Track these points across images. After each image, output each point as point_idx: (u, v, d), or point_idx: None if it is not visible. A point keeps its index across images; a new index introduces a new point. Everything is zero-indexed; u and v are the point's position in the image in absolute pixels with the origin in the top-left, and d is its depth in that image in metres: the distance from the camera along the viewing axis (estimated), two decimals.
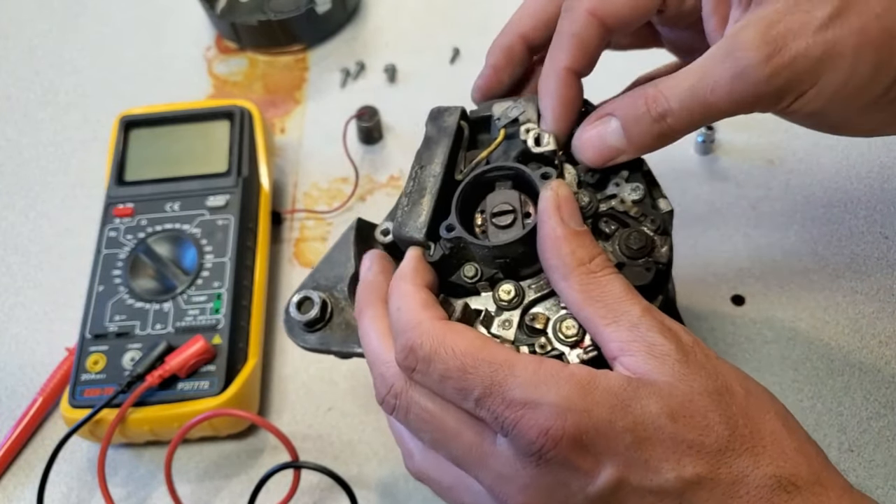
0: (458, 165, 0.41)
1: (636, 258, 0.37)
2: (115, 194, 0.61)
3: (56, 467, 0.53)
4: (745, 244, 0.59)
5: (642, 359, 0.32)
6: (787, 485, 0.31)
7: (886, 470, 0.49)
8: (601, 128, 0.38)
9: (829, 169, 0.62)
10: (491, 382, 0.32)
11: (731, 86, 0.34)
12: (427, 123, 0.43)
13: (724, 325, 0.55)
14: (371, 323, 0.38)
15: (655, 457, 0.30)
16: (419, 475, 0.38)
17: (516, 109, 0.41)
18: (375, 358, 0.37)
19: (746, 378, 0.34)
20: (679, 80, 0.35)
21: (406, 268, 0.38)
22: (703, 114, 0.35)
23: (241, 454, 0.55)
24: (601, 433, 0.30)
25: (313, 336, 0.43)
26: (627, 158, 0.38)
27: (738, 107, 0.35)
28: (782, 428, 0.32)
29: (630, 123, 0.37)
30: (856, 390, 0.52)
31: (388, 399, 0.35)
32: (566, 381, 0.31)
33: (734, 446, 0.31)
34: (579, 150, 0.39)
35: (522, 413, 0.31)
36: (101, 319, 0.55)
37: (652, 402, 0.31)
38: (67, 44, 0.80)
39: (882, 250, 0.57)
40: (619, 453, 0.31)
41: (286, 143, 0.70)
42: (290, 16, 0.73)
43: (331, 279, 0.44)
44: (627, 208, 0.38)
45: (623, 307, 0.33)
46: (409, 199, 0.40)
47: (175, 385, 0.52)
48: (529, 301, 0.37)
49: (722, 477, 0.31)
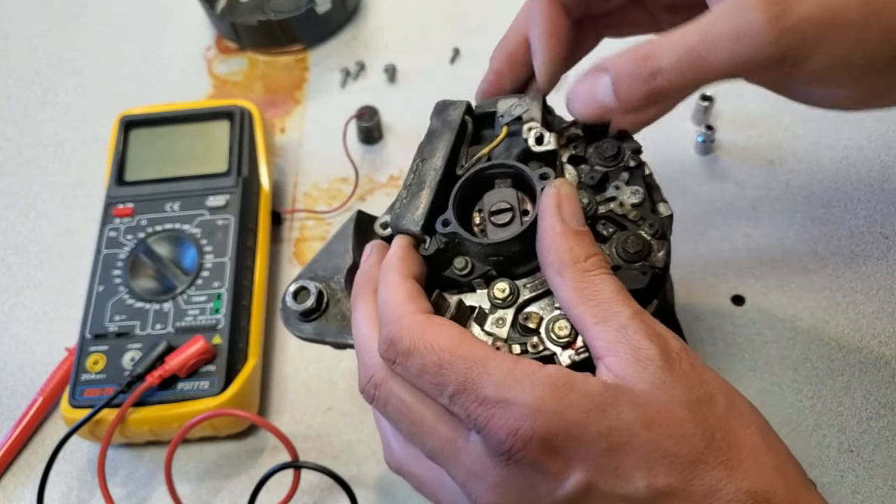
0: (459, 160, 0.41)
1: (632, 262, 0.37)
2: (115, 194, 0.61)
3: (56, 467, 0.53)
4: (745, 244, 0.59)
5: (625, 361, 0.32)
6: (761, 501, 0.30)
7: (886, 470, 0.49)
8: (593, 82, 0.37)
9: (829, 169, 0.62)
10: (465, 379, 0.31)
11: (731, 46, 0.33)
12: (432, 116, 0.42)
13: (724, 325, 0.55)
14: (362, 312, 0.38)
15: (627, 464, 0.30)
16: (398, 469, 0.38)
17: (520, 107, 0.41)
18: (360, 346, 0.37)
19: (731, 390, 0.33)
20: (675, 37, 0.34)
21: (393, 257, 0.37)
22: (695, 74, 0.34)
23: (241, 454, 0.55)
24: (572, 436, 0.30)
25: (309, 326, 0.43)
26: (618, 117, 0.38)
27: (735, 68, 0.34)
28: (762, 443, 0.32)
29: (620, 80, 0.36)
30: (856, 390, 0.52)
31: (368, 389, 0.36)
32: (541, 382, 0.31)
33: (708, 458, 0.30)
34: (571, 104, 0.38)
35: (494, 412, 0.31)
36: (101, 319, 0.55)
37: (628, 410, 0.30)
38: (67, 44, 0.80)
39: (882, 250, 0.57)
40: (589, 458, 0.30)
41: (286, 143, 0.70)
42: (290, 16, 0.73)
43: (328, 270, 0.44)
44: (626, 211, 0.38)
45: (613, 308, 0.33)
46: (408, 191, 0.40)
47: (175, 385, 0.52)
48: (524, 300, 0.37)
49: (694, 489, 0.30)
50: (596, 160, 0.40)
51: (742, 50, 0.33)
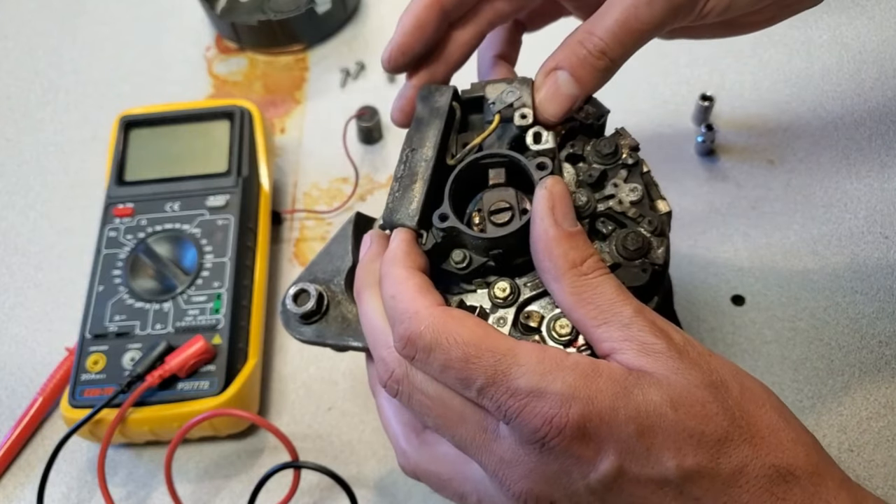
0: (449, 149, 0.41)
1: (632, 259, 0.37)
2: (115, 194, 0.61)
3: (56, 467, 0.53)
4: (745, 244, 0.59)
5: (634, 355, 0.32)
6: (785, 475, 0.31)
7: (886, 470, 0.49)
8: (553, 81, 0.39)
9: (829, 169, 0.62)
10: (495, 372, 0.31)
11: (650, 6, 0.37)
12: (417, 103, 0.42)
13: (724, 325, 0.55)
14: (369, 305, 0.37)
15: (657, 445, 0.31)
16: (415, 472, 0.38)
17: (512, 94, 0.40)
18: (376, 340, 0.36)
19: (740, 373, 0.34)
20: (604, 16, 0.38)
21: (397, 251, 0.36)
22: (634, 41, 0.38)
23: (241, 454, 0.55)
24: (604, 421, 0.31)
25: (309, 328, 0.43)
26: (581, 104, 0.40)
27: (662, 23, 0.38)
28: (779, 419, 0.32)
29: (576, 68, 0.39)
30: (856, 390, 0.52)
31: (391, 384, 0.35)
32: (571, 369, 0.31)
33: (733, 436, 0.31)
34: (542, 111, 0.39)
35: (526, 402, 0.31)
36: (101, 319, 0.55)
37: (653, 391, 0.31)
38: (67, 44, 0.80)
39: (882, 250, 0.57)
40: (620, 441, 0.31)
41: (286, 143, 0.70)
42: (290, 16, 0.73)
43: (328, 272, 0.44)
44: (625, 209, 0.38)
45: (614, 309, 0.33)
46: (399, 184, 0.39)
47: (175, 385, 0.52)
48: (525, 299, 0.37)
49: (722, 467, 0.31)
50: (594, 158, 0.40)
51: (660, 5, 0.38)
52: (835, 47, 0.68)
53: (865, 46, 0.68)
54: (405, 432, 0.39)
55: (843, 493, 0.32)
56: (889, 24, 0.69)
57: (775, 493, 0.31)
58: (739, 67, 0.68)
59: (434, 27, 0.42)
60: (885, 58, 0.67)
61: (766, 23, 0.45)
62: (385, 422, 0.41)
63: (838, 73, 0.67)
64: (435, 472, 0.37)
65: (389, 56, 0.42)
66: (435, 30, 0.42)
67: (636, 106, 0.67)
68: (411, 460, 0.38)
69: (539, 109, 0.39)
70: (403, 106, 0.44)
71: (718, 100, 0.64)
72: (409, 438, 0.38)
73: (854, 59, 0.67)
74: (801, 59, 0.68)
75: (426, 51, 0.43)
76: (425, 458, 0.37)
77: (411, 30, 0.42)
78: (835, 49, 0.68)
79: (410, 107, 0.43)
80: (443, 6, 0.42)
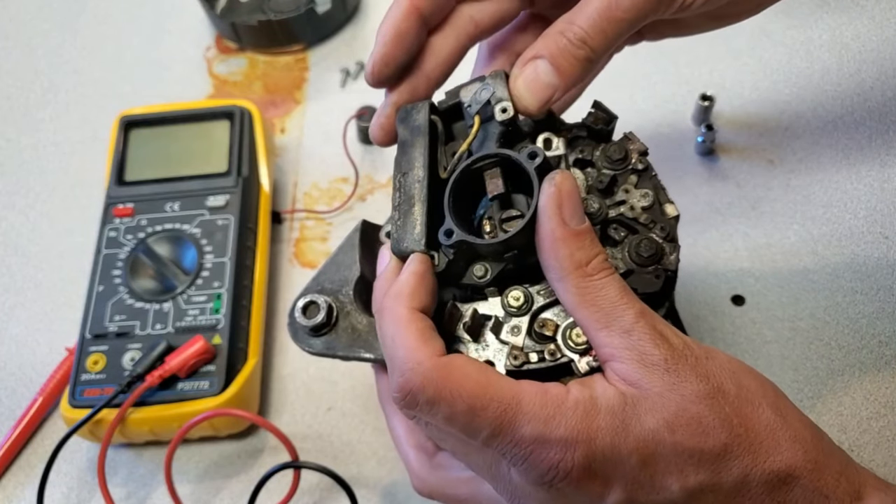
0: (440, 163, 0.40)
1: (646, 266, 0.36)
2: (115, 194, 0.61)
3: (56, 467, 0.53)
4: (745, 244, 0.59)
5: (632, 368, 0.32)
6: (785, 478, 0.31)
7: (886, 470, 0.49)
8: (532, 70, 0.38)
9: (829, 169, 0.62)
10: (500, 423, 0.32)
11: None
12: (397, 126, 0.41)
13: (724, 325, 0.55)
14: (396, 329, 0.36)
15: (660, 472, 0.31)
16: (431, 495, 0.39)
17: (486, 91, 0.39)
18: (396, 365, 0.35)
19: (737, 371, 0.34)
20: (585, 6, 0.38)
21: (403, 287, 0.35)
22: (615, 30, 0.38)
23: (241, 454, 0.55)
24: (608, 458, 0.31)
25: (318, 341, 0.42)
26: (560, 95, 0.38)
27: (643, 12, 0.38)
28: (776, 418, 0.33)
29: (557, 58, 0.38)
30: (856, 390, 0.52)
31: (406, 412, 0.35)
32: (571, 410, 0.32)
33: (733, 448, 0.31)
34: (520, 100, 0.38)
35: (531, 449, 0.31)
36: (101, 319, 0.55)
37: (649, 418, 0.31)
38: (67, 44, 0.80)
39: (882, 250, 0.57)
40: (625, 474, 0.31)
41: (286, 143, 0.70)
42: (290, 16, 0.73)
43: (336, 282, 0.43)
44: (637, 215, 0.38)
45: (617, 312, 0.33)
46: (399, 211, 0.38)
47: (175, 385, 0.52)
48: (538, 307, 0.37)
49: (724, 480, 0.31)
50: (603, 164, 0.39)
51: None
52: (835, 47, 0.68)
53: (865, 46, 0.68)
54: (418, 455, 0.39)
55: (843, 483, 0.32)
56: (889, 24, 0.69)
57: (777, 497, 0.31)
58: (739, 67, 0.68)
59: (414, 34, 0.41)
60: (885, 58, 0.67)
61: (753, 10, 0.44)
62: (397, 441, 0.41)
63: (838, 73, 0.67)
64: (452, 495, 0.38)
65: (373, 69, 0.41)
66: (416, 36, 0.41)
67: (636, 106, 0.67)
68: (426, 483, 0.39)
69: (517, 98, 0.38)
70: (383, 123, 0.42)
71: (718, 100, 0.64)
72: (421, 461, 0.38)
73: (854, 59, 0.67)
74: (801, 59, 0.68)
75: (408, 59, 0.42)
76: (440, 482, 0.38)
77: (392, 39, 0.41)
78: (835, 49, 0.68)
79: (390, 124, 0.42)
80: (420, 12, 0.41)
